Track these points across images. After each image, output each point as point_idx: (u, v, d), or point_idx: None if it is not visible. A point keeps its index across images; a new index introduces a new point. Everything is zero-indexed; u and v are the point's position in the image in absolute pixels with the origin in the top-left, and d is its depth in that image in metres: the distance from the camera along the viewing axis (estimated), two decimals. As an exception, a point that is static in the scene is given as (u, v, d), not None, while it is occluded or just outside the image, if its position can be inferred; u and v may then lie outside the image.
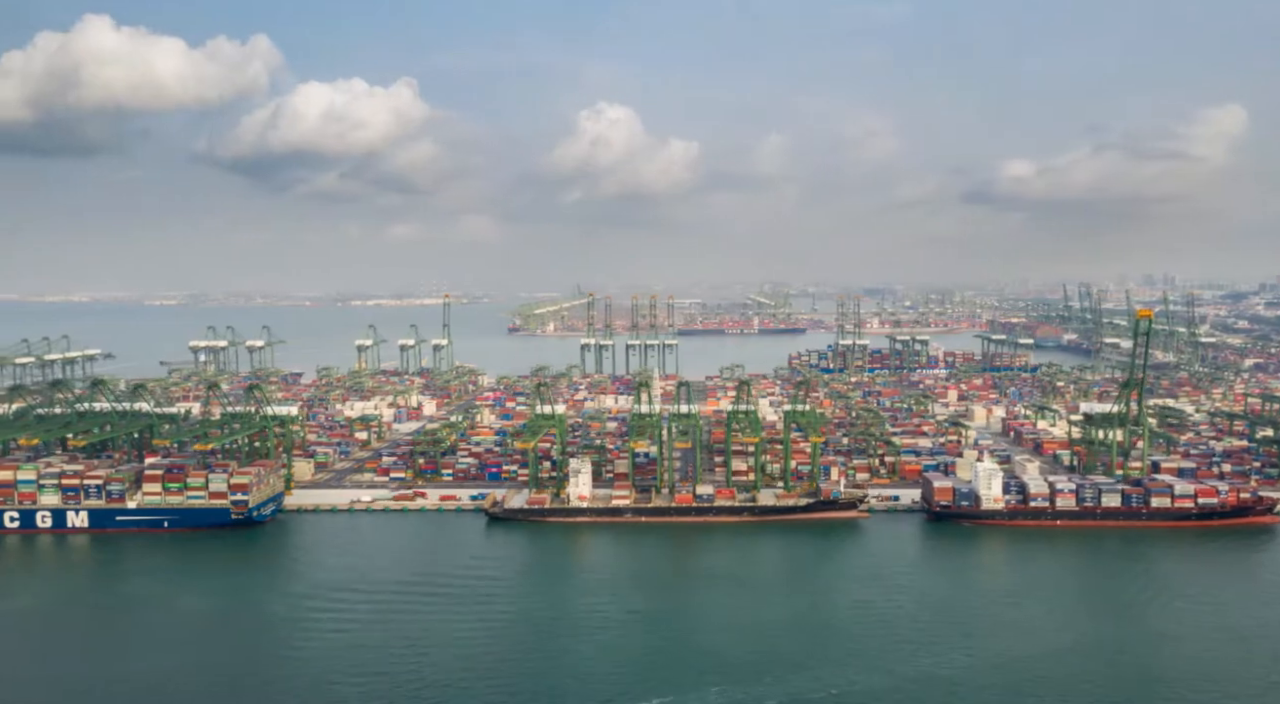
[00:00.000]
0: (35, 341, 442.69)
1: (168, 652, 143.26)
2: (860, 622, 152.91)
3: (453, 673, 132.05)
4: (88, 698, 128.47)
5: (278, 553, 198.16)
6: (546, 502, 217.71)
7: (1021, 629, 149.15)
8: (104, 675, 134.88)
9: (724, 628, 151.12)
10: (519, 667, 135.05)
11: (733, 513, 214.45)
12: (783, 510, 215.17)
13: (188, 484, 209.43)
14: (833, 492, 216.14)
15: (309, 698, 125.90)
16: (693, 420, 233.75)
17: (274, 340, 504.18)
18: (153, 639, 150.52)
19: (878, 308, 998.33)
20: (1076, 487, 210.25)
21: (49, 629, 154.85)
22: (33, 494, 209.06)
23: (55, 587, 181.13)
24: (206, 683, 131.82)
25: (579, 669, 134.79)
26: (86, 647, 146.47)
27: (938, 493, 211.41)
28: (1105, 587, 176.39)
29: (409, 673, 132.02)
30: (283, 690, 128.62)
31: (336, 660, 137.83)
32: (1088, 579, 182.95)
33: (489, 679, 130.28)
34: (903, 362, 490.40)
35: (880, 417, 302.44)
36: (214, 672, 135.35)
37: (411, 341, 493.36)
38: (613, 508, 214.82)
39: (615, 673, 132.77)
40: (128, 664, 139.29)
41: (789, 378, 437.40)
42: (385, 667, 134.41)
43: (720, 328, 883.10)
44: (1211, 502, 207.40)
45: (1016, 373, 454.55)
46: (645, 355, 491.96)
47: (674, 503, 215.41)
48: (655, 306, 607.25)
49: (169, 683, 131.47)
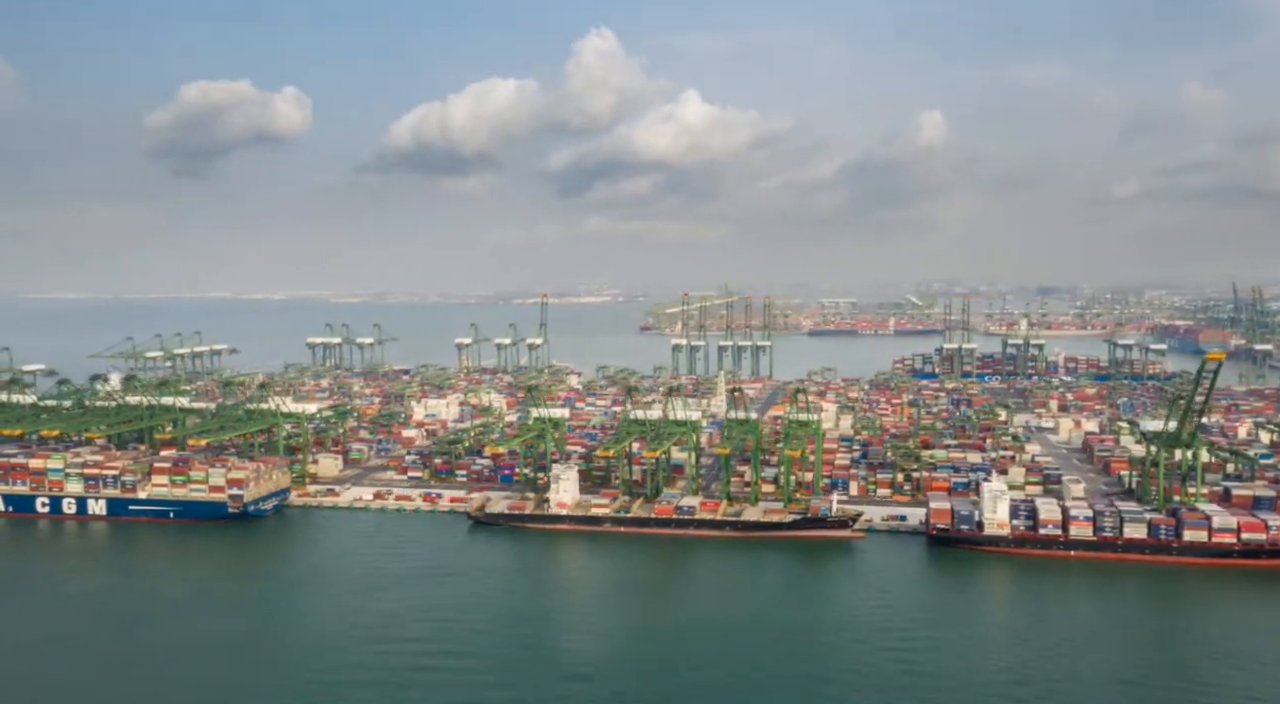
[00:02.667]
0: (169, 337, 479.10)
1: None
2: (786, 666, 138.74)
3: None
4: None
5: (255, 547, 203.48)
6: (527, 507, 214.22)
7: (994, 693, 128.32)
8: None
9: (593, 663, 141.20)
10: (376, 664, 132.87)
11: (714, 527, 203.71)
12: (767, 527, 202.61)
13: (190, 478, 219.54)
14: (820, 509, 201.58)
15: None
16: (694, 427, 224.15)
17: (384, 338, 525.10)
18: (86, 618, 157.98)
19: (1037, 307, 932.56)
20: (1094, 514, 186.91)
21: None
22: (60, 482, 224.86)
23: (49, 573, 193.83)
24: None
25: (421, 664, 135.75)
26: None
27: (934, 514, 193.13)
28: (1114, 637, 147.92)
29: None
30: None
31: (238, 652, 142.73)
32: (1092, 627, 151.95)
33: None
34: (1016, 367, 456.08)
35: (927, 427, 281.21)
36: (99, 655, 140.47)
37: (509, 340, 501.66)
38: (591, 516, 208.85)
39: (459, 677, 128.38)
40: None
41: (881, 383, 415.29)
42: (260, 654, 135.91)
43: (854, 328, 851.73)
44: (1258, 537, 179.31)
45: (1142, 382, 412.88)
46: (738, 356, 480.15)
47: (654, 513, 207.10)
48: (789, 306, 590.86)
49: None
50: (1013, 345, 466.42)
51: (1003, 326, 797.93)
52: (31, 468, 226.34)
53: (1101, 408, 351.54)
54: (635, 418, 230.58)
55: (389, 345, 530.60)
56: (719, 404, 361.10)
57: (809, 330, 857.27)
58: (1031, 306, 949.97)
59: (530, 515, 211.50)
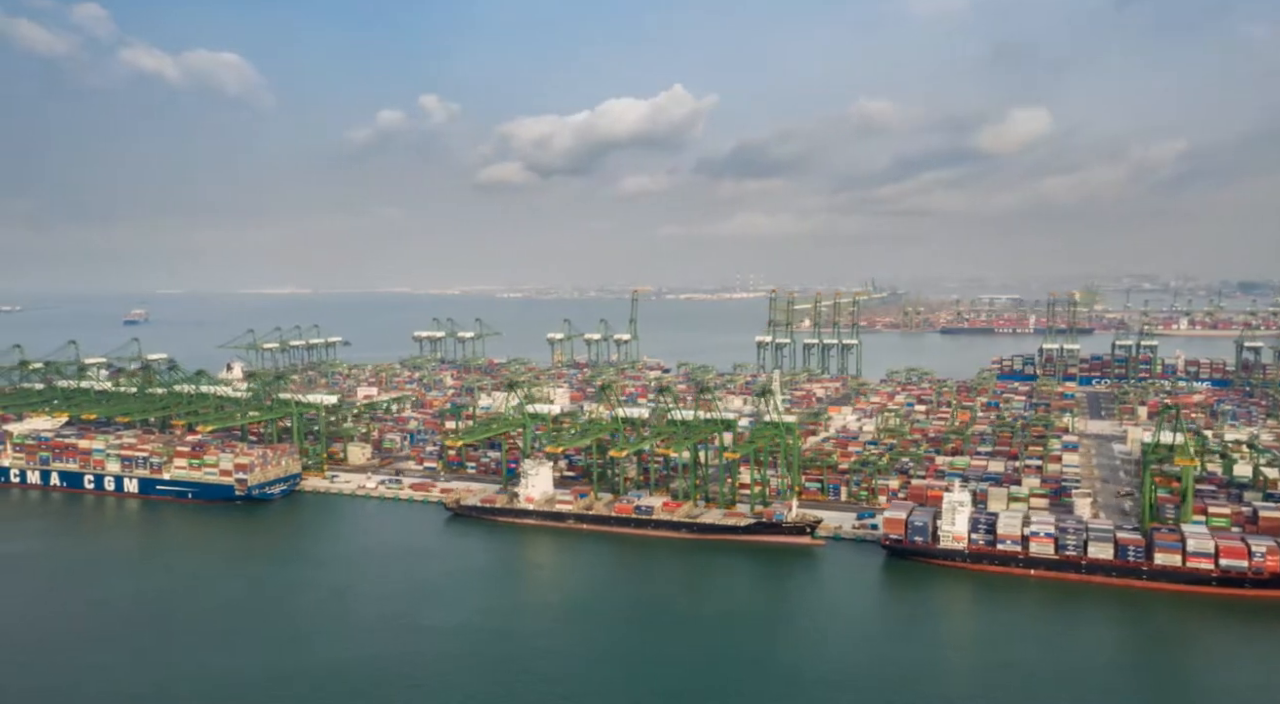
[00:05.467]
0: (288, 329, 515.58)
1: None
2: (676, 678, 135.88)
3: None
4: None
5: (249, 528, 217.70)
6: (498, 500, 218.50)
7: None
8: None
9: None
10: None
11: (671, 527, 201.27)
12: (723, 530, 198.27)
13: (205, 462, 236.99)
14: (775, 514, 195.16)
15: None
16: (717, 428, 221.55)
17: (485, 332, 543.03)
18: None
19: (1209, 303, 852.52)
20: (1057, 531, 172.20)
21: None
22: (102, 462, 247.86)
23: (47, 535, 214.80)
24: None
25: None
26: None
27: (886, 524, 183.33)
28: (1055, 672, 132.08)
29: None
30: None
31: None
32: (1028, 658, 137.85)
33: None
34: (1127, 370, 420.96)
35: (959, 433, 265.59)
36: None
37: (598, 336, 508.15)
38: (556, 512, 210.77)
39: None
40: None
41: (969, 386, 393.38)
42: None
43: (990, 327, 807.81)
44: (1239, 564, 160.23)
45: (1263, 389, 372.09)
46: (824, 354, 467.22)
47: (614, 512, 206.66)
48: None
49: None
50: (1121, 347, 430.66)
51: (1165, 325, 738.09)
52: (80, 448, 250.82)
53: (1197, 417, 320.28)
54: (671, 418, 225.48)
55: (490, 340, 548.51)
56: (778, 405, 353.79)
57: (941, 328, 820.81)
58: (1211, 302, 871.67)
59: (500, 509, 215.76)
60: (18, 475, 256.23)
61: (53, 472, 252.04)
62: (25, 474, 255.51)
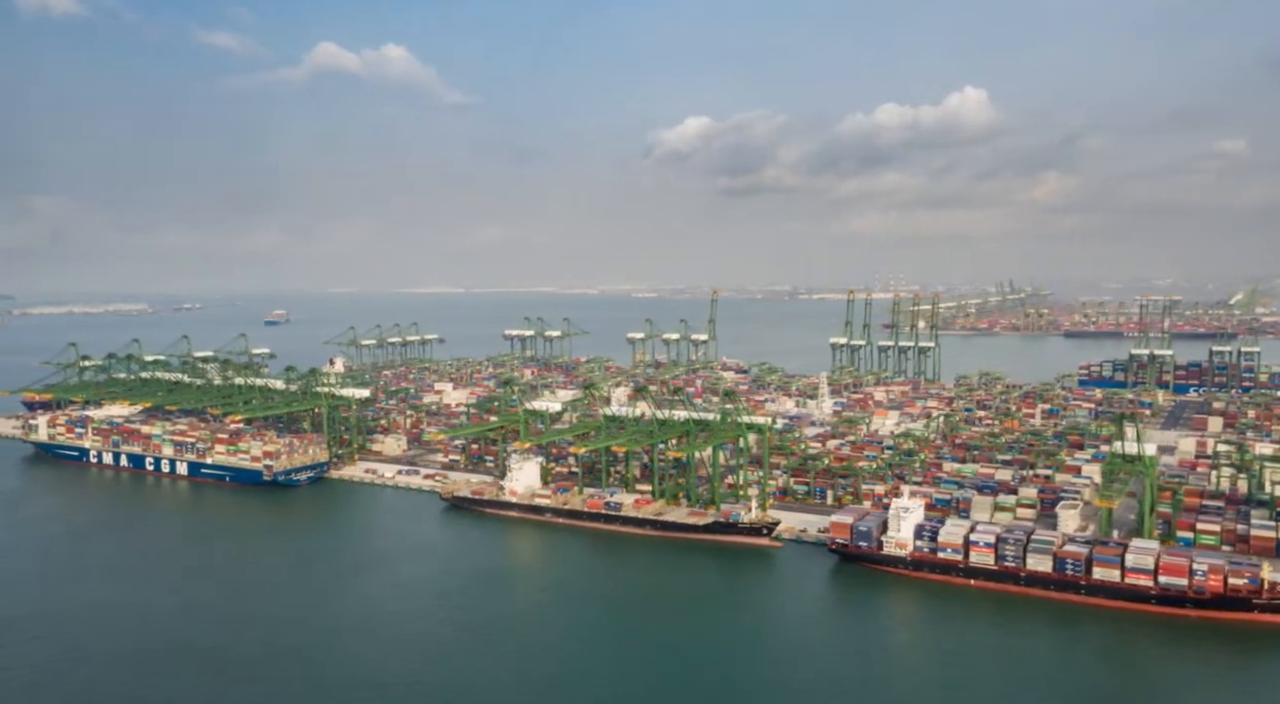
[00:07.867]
0: (388, 327, 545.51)
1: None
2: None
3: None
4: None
5: (267, 510, 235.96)
6: (487, 493, 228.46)
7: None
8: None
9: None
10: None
11: (637, 524, 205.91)
12: (684, 528, 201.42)
13: (239, 448, 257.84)
14: (732, 514, 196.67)
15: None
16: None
17: (572, 331, 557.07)
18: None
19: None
20: (996, 540, 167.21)
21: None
22: (159, 446, 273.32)
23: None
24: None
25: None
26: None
27: (834, 528, 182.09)
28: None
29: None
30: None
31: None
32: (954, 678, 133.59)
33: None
34: (1227, 379, 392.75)
35: (995, 438, 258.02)
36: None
37: (677, 336, 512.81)
38: (535, 506, 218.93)
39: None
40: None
41: (1036, 392, 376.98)
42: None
43: (1120, 330, 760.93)
44: (1179, 582, 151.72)
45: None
46: (899, 357, 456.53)
47: (586, 507, 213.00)
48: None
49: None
50: (1218, 353, 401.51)
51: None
52: (143, 433, 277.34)
53: (1275, 429, 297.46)
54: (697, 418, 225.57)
55: (577, 339, 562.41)
56: (825, 407, 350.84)
57: (1065, 331, 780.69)
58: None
59: (488, 500, 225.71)
60: (96, 456, 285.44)
61: (122, 454, 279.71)
62: (102, 455, 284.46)
